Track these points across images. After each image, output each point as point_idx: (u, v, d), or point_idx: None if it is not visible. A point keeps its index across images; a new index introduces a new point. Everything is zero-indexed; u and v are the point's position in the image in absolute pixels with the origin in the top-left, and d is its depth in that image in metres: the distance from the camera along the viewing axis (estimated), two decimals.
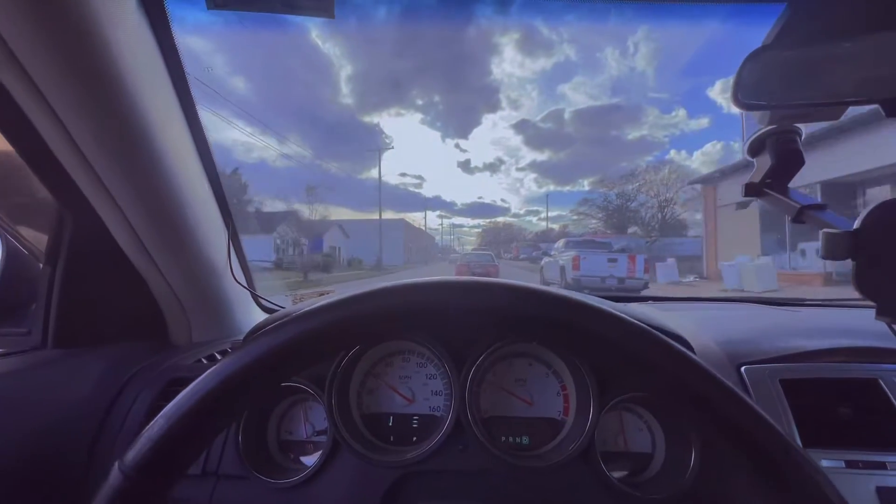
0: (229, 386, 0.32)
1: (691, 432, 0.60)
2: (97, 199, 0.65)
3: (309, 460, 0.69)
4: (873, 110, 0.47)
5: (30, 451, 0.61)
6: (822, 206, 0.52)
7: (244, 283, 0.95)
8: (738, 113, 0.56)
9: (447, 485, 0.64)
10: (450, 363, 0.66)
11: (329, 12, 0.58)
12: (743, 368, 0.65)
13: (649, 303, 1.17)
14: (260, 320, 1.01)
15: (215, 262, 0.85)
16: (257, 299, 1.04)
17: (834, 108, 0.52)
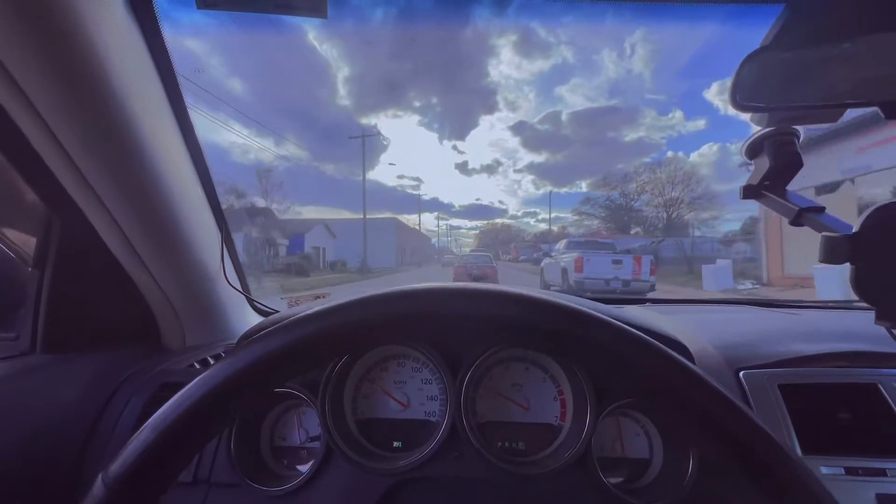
0: (218, 394, 0.31)
1: (689, 439, 0.60)
2: (85, 202, 0.64)
3: (303, 467, 0.67)
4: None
5: (17, 458, 0.60)
6: (821, 209, 0.51)
7: (238, 287, 0.94)
8: (735, 114, 0.55)
9: (442, 492, 0.63)
10: (445, 368, 0.65)
11: (322, 12, 0.57)
12: (741, 373, 0.65)
13: (647, 305, 1.16)
14: (253, 322, 1.01)
15: (208, 265, 0.84)
16: (252, 303, 1.03)
17: (832, 110, 0.52)
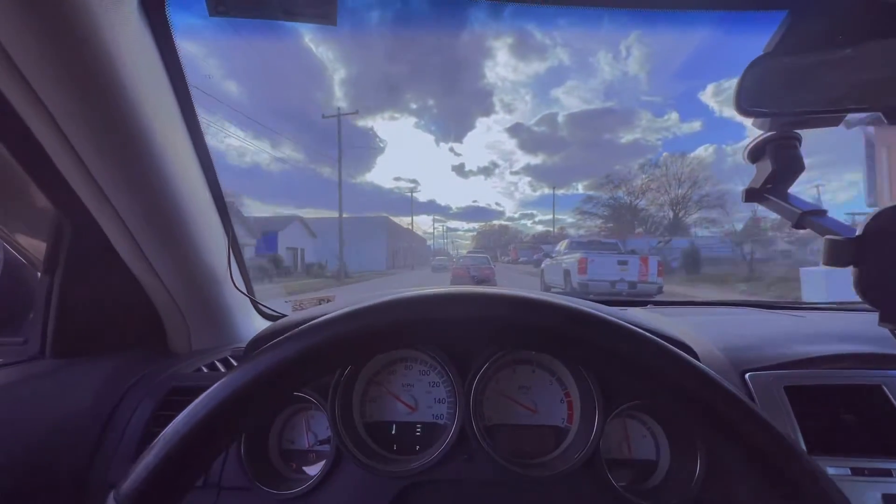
0: (229, 407, 0.31)
1: (696, 439, 0.60)
2: (96, 207, 0.65)
3: (312, 470, 0.68)
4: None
5: (27, 463, 0.60)
6: (823, 212, 0.51)
7: (244, 290, 0.95)
8: (730, 116, 0.55)
9: (451, 494, 0.63)
10: (453, 371, 0.65)
11: (331, 19, 0.58)
12: (747, 375, 0.65)
13: (649, 307, 1.17)
14: (259, 327, 1.01)
15: (215, 268, 0.84)
16: (257, 306, 1.03)
17: (835, 115, 0.52)
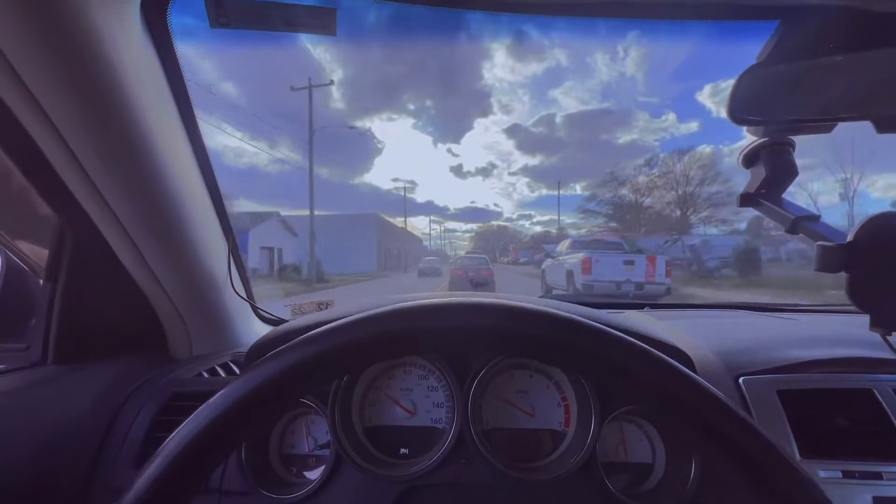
0: (230, 417, 0.32)
1: (693, 448, 0.61)
2: (98, 214, 0.65)
3: (312, 474, 0.68)
4: None
5: (29, 469, 0.60)
6: (816, 217, 0.52)
7: (244, 296, 0.95)
8: (727, 117, 0.56)
9: (450, 498, 0.64)
10: (451, 376, 0.66)
11: (331, 30, 0.59)
12: (741, 380, 0.66)
13: (645, 310, 1.18)
14: (259, 331, 1.02)
15: (215, 274, 0.85)
16: (257, 311, 1.04)
17: (826, 123, 0.53)
